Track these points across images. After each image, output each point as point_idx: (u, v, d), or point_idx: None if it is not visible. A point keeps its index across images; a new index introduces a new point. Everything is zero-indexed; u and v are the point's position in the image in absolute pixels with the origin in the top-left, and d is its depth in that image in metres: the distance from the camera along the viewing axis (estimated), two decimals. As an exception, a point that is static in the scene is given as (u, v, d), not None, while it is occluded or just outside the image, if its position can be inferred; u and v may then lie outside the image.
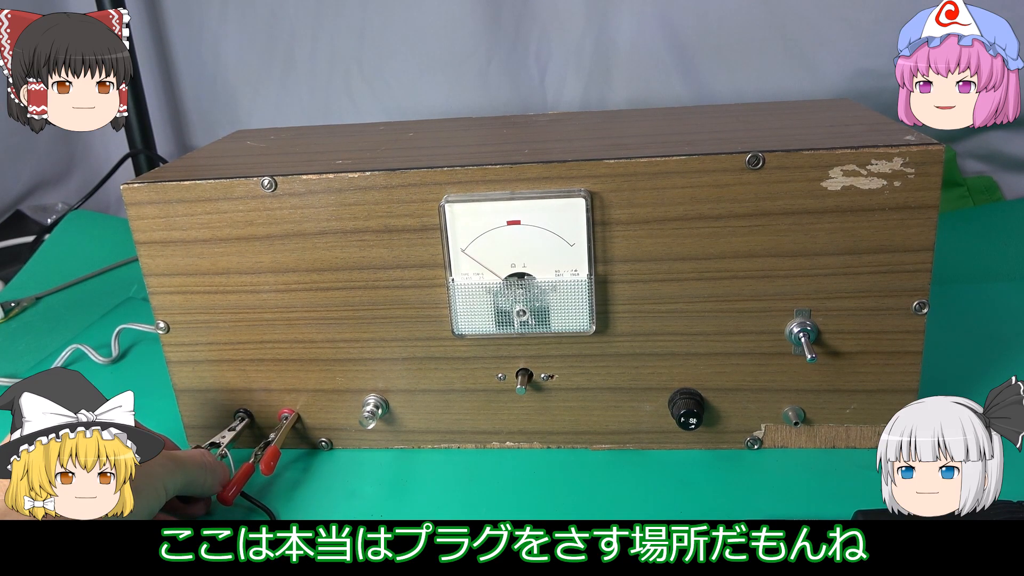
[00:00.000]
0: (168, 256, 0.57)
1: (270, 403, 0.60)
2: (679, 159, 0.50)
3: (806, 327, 0.52)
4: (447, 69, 1.10)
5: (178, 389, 0.61)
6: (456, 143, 0.62)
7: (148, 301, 0.58)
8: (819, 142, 0.51)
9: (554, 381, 0.57)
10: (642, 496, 0.54)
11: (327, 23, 1.12)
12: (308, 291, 0.56)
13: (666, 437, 0.58)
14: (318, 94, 1.15)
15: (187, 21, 1.17)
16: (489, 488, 0.56)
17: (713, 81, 1.04)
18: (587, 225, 0.52)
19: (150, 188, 0.55)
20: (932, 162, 0.49)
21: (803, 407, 0.56)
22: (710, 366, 0.55)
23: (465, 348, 0.57)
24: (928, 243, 0.50)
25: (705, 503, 0.53)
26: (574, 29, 1.06)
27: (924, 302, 0.52)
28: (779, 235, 0.51)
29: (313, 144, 0.65)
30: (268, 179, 0.54)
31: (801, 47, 1.00)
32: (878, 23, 0.96)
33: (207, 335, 0.59)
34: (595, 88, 1.08)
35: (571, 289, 0.53)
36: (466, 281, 0.54)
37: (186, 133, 1.25)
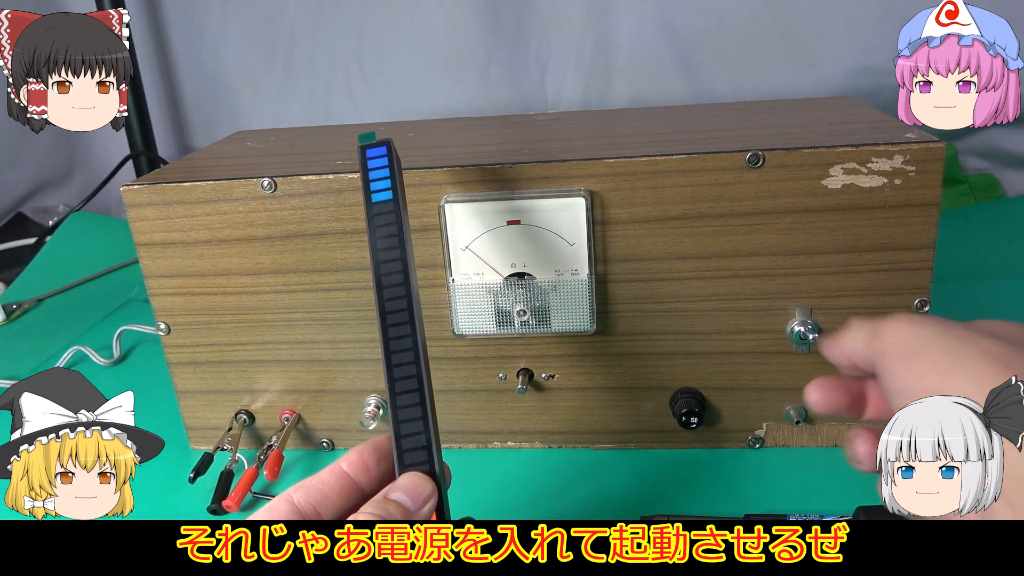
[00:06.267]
0: (168, 258, 0.57)
1: (271, 404, 0.60)
2: (679, 158, 0.50)
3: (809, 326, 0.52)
4: (447, 69, 1.10)
5: (179, 390, 0.61)
6: (456, 143, 0.62)
7: (149, 303, 0.58)
8: (819, 140, 0.51)
9: (555, 381, 0.57)
10: (643, 496, 0.54)
11: (327, 23, 1.12)
12: (308, 292, 0.56)
13: (667, 436, 0.58)
14: (318, 94, 1.15)
15: (187, 21, 1.17)
16: (490, 488, 0.56)
17: (713, 79, 1.04)
18: (587, 224, 0.52)
19: (150, 190, 0.55)
20: (933, 160, 0.49)
21: (804, 406, 0.56)
22: (711, 365, 0.55)
23: (465, 348, 0.57)
24: (929, 241, 0.50)
25: (707, 502, 0.53)
26: (574, 28, 1.06)
27: (925, 300, 0.52)
28: (780, 233, 0.51)
29: (313, 144, 0.65)
30: (268, 180, 0.54)
31: (801, 45, 1.00)
32: (878, 21, 0.96)
33: (208, 336, 0.59)
34: (595, 87, 1.08)
35: (571, 289, 0.53)
36: (466, 281, 0.54)
37: (187, 134, 1.25)
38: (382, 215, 0.41)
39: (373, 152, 0.44)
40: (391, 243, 0.40)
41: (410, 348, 0.38)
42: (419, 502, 0.35)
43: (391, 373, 0.38)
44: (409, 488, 0.35)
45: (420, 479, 0.36)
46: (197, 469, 0.55)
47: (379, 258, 0.40)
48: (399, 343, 0.38)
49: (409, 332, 0.38)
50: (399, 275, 0.40)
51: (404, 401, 0.37)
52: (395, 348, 0.38)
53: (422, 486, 0.36)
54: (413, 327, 0.38)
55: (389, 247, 0.40)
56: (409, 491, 0.35)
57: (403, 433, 0.37)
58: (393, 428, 0.37)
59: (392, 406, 0.37)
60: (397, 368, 0.38)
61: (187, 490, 0.56)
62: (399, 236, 0.40)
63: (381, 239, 0.41)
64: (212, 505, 0.54)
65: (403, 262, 0.40)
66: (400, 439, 0.37)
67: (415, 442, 0.36)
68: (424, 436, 0.37)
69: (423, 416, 0.37)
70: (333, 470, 0.37)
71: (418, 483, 0.36)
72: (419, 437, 0.37)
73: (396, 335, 0.38)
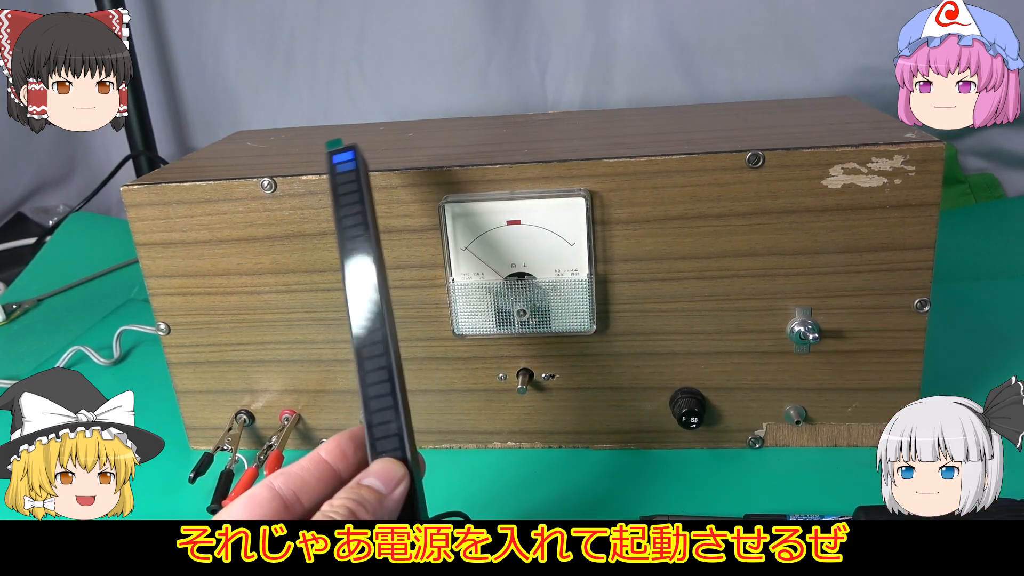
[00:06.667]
0: (168, 258, 0.57)
1: (271, 404, 0.60)
2: (679, 158, 0.50)
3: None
4: (447, 69, 1.10)
5: (179, 390, 0.61)
6: (456, 143, 0.62)
7: (149, 303, 0.58)
8: (819, 140, 0.51)
9: (555, 381, 0.57)
10: (643, 496, 0.54)
11: (327, 23, 1.12)
12: (308, 292, 0.56)
13: (667, 436, 0.58)
14: (318, 94, 1.15)
15: (187, 21, 1.18)
16: (490, 488, 0.56)
17: (713, 79, 1.04)
18: (587, 224, 0.52)
19: (150, 190, 0.55)
20: (933, 159, 0.48)
21: (804, 406, 0.56)
22: (711, 365, 0.55)
23: (465, 348, 0.57)
24: (929, 241, 0.50)
25: (707, 502, 0.53)
26: (574, 28, 1.06)
27: (925, 300, 0.52)
28: (780, 233, 0.51)
29: (313, 144, 0.65)
30: (268, 180, 0.54)
31: (801, 45, 1.00)
32: (878, 21, 0.96)
33: (208, 336, 0.59)
34: (595, 87, 1.08)
35: (571, 289, 0.53)
36: (466, 281, 0.54)
37: (187, 134, 1.25)
38: (350, 216, 0.43)
39: (340, 157, 0.46)
40: (357, 243, 0.42)
41: (380, 340, 0.39)
42: (391, 485, 0.36)
43: (362, 365, 0.39)
44: (381, 473, 0.37)
45: (391, 464, 0.37)
46: (197, 469, 0.55)
47: (347, 255, 0.42)
48: (370, 336, 0.40)
49: (379, 324, 0.40)
50: (369, 266, 0.41)
51: (375, 392, 0.38)
52: (366, 341, 0.39)
53: (393, 470, 0.37)
54: (382, 318, 0.40)
55: (355, 238, 0.42)
56: (381, 476, 0.37)
57: (375, 422, 0.38)
58: (365, 417, 0.38)
59: (363, 396, 0.39)
60: (369, 360, 0.39)
61: (187, 490, 0.56)
62: (367, 235, 0.42)
63: (351, 239, 0.42)
64: (212, 505, 0.53)
65: (374, 258, 0.41)
66: (372, 428, 0.38)
67: (386, 430, 0.38)
68: (395, 424, 0.38)
69: (394, 406, 0.38)
70: (312, 458, 0.39)
71: (389, 468, 0.37)
72: (390, 425, 0.38)
73: (366, 328, 0.40)
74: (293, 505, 0.36)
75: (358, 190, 0.44)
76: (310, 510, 0.37)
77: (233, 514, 0.35)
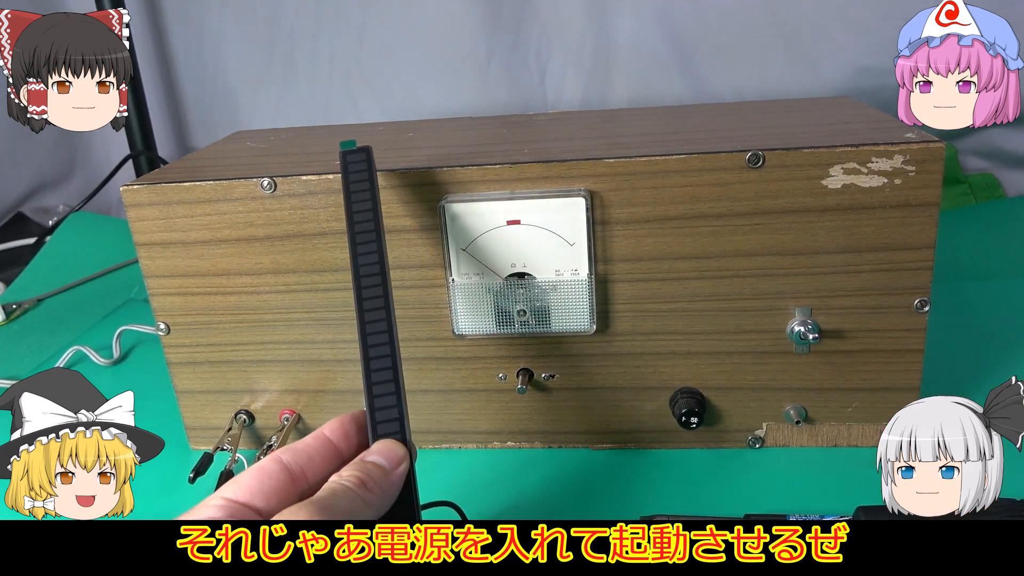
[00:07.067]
0: (168, 258, 0.57)
1: (271, 404, 0.60)
2: (679, 158, 0.50)
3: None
4: (447, 69, 1.10)
5: (179, 390, 0.61)
6: (456, 143, 0.62)
7: (149, 303, 0.58)
8: (819, 140, 0.51)
9: (555, 381, 0.57)
10: (643, 496, 0.54)
11: (327, 23, 1.12)
12: (308, 292, 0.56)
13: (667, 436, 0.58)
14: (318, 94, 1.15)
15: (187, 21, 1.18)
16: (490, 488, 0.56)
17: (713, 79, 1.04)
18: (587, 224, 0.52)
19: (149, 190, 0.55)
20: (933, 159, 0.48)
21: (804, 406, 0.56)
22: (711, 365, 0.55)
23: (465, 348, 0.57)
24: (929, 241, 0.50)
25: (707, 502, 0.53)
26: (574, 28, 1.06)
27: (925, 300, 0.52)
28: (780, 233, 0.51)
29: (313, 144, 0.65)
30: (268, 180, 0.54)
31: (801, 45, 1.00)
32: (878, 21, 0.96)
33: (208, 336, 0.59)
34: (595, 87, 1.08)
35: (571, 289, 0.53)
36: (466, 281, 0.54)
37: (187, 134, 1.25)
38: (361, 212, 0.46)
39: (353, 157, 0.49)
40: (369, 237, 0.45)
41: (385, 331, 0.42)
42: (394, 463, 0.38)
43: (367, 352, 0.41)
44: (384, 452, 0.39)
45: (393, 444, 0.39)
46: (197, 469, 0.55)
47: (358, 250, 0.45)
48: (375, 326, 0.42)
49: (384, 316, 0.43)
50: (376, 266, 0.44)
51: (378, 378, 0.41)
52: (371, 331, 0.42)
53: (395, 450, 0.39)
54: (388, 312, 0.43)
55: (367, 241, 0.45)
56: (384, 454, 0.39)
57: (377, 406, 0.40)
58: (367, 401, 0.40)
59: (367, 382, 0.41)
60: (373, 348, 0.42)
61: (187, 490, 0.56)
62: (376, 231, 0.45)
63: (360, 233, 0.46)
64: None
65: (379, 255, 0.45)
66: (374, 411, 0.40)
67: (388, 414, 0.40)
68: (397, 409, 0.40)
69: (396, 392, 0.41)
70: (317, 436, 0.40)
71: (392, 447, 0.39)
72: (392, 410, 0.40)
73: (372, 319, 0.43)
74: (299, 479, 0.38)
75: (370, 188, 0.47)
76: (314, 485, 0.38)
77: (243, 482, 0.36)
